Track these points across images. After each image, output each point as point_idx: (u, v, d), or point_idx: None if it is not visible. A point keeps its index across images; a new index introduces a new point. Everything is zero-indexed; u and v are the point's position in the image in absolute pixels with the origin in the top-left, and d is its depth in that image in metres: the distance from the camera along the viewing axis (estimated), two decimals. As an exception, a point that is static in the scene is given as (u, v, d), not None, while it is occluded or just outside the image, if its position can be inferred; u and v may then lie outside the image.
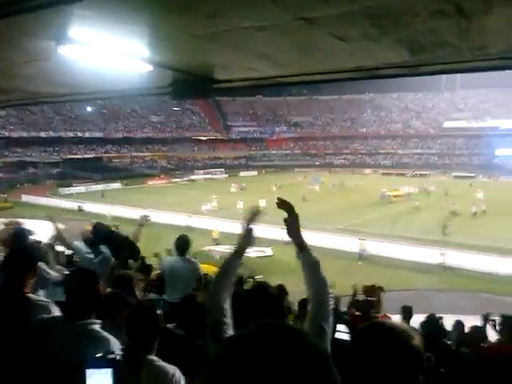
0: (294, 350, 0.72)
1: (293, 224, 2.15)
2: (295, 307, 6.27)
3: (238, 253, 2.17)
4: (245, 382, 0.68)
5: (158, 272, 7.16)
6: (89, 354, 2.31)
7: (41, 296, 3.46)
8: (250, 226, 2.20)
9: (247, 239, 2.19)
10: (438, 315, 6.64)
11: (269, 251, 22.92)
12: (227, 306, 2.02)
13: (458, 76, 77.00)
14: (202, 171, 72.45)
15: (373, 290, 7.49)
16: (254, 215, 2.22)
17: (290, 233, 2.16)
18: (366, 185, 53.63)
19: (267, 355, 0.70)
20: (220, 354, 0.75)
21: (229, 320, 1.97)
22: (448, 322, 7.19)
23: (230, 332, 1.92)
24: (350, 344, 1.37)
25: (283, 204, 2.16)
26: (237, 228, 2.27)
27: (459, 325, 6.83)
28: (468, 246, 23.60)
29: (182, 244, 5.73)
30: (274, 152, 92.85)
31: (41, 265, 3.92)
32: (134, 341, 2.39)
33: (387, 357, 1.25)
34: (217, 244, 24.20)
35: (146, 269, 8.09)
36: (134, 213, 26.21)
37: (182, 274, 5.54)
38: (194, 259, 5.86)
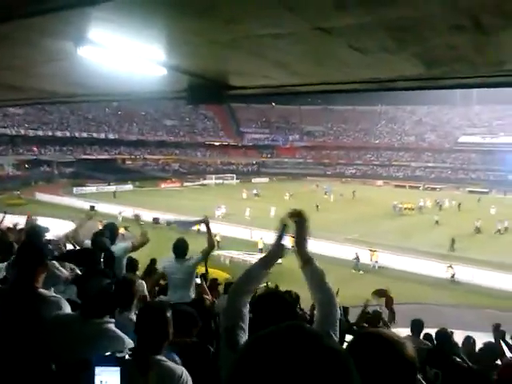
0: (318, 350, 0.73)
1: (303, 236, 2.11)
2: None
3: (265, 262, 2.11)
4: (271, 382, 0.69)
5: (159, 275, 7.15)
6: (103, 351, 2.32)
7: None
8: (282, 238, 2.12)
9: (277, 251, 2.12)
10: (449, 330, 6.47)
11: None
12: (246, 310, 2.01)
13: (475, 91, 76.41)
14: (213, 176, 72.60)
15: (384, 294, 7.27)
16: (286, 226, 2.12)
17: (299, 245, 2.11)
18: (379, 196, 53.23)
19: (292, 355, 0.71)
20: (244, 354, 0.75)
21: (245, 325, 1.96)
22: (458, 338, 7.05)
23: (245, 337, 1.90)
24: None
25: (297, 215, 2.10)
26: (242, 233, 2.19)
27: (469, 340, 6.66)
28: (479, 261, 23.31)
29: (180, 246, 5.75)
30: (286, 160, 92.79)
31: (53, 263, 3.95)
32: (142, 341, 2.39)
33: (377, 365, 1.23)
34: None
35: (152, 271, 8.08)
36: (146, 215, 26.27)
37: (181, 275, 5.57)
38: (189, 258, 5.80)
